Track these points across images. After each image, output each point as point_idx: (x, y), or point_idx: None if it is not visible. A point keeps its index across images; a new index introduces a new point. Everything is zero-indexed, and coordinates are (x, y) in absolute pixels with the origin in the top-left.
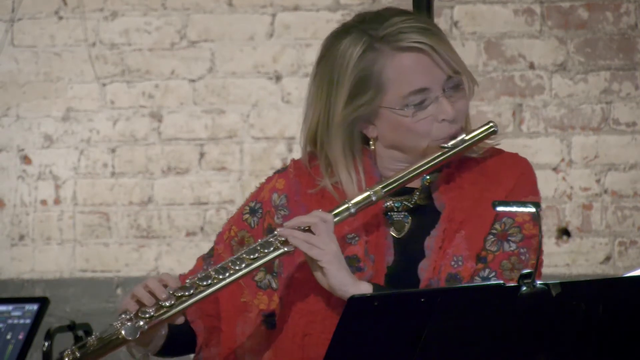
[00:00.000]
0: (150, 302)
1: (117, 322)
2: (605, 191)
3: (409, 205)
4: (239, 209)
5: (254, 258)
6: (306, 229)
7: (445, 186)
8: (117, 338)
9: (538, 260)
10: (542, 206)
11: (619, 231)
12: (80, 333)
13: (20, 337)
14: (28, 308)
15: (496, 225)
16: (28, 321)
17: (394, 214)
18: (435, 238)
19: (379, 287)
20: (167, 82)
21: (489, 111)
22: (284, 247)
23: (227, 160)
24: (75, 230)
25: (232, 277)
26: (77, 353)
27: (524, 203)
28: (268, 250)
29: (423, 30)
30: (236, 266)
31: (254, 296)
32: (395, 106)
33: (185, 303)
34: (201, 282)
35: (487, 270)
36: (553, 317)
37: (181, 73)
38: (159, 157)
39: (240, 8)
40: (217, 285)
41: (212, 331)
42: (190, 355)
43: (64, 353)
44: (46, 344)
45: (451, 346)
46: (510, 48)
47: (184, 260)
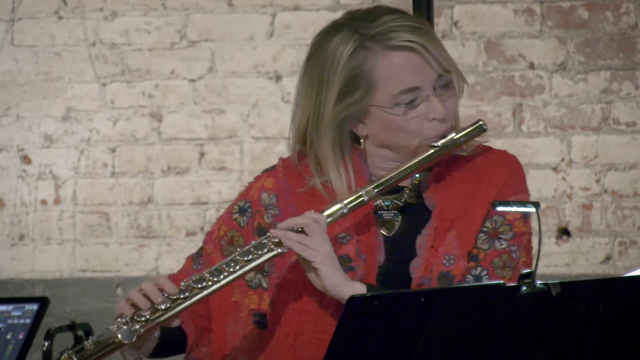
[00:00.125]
0: (145, 306)
1: (113, 326)
2: (605, 191)
3: (399, 203)
4: (228, 209)
5: (248, 260)
6: (299, 230)
7: (435, 185)
8: (114, 342)
9: (535, 258)
10: (542, 206)
11: (619, 231)
12: (80, 333)
13: (20, 337)
14: (28, 308)
15: (487, 223)
16: (28, 321)
17: (384, 213)
18: (426, 237)
19: (372, 287)
20: (167, 82)
21: (489, 111)
22: (278, 249)
23: (227, 160)
24: (75, 230)
25: (227, 279)
26: (75, 358)
27: (524, 203)
28: (262, 251)
29: (414, 29)
30: (230, 268)
31: (245, 295)
32: (385, 105)
33: (180, 306)
34: (196, 285)
35: (479, 268)
36: (553, 317)
37: (181, 73)
38: (159, 157)
39: (240, 8)
40: (212, 287)
41: (203, 331)
42: (181, 355)
43: (61, 358)
44: (46, 344)
45: (451, 346)
46: (510, 48)
47: (184, 260)
